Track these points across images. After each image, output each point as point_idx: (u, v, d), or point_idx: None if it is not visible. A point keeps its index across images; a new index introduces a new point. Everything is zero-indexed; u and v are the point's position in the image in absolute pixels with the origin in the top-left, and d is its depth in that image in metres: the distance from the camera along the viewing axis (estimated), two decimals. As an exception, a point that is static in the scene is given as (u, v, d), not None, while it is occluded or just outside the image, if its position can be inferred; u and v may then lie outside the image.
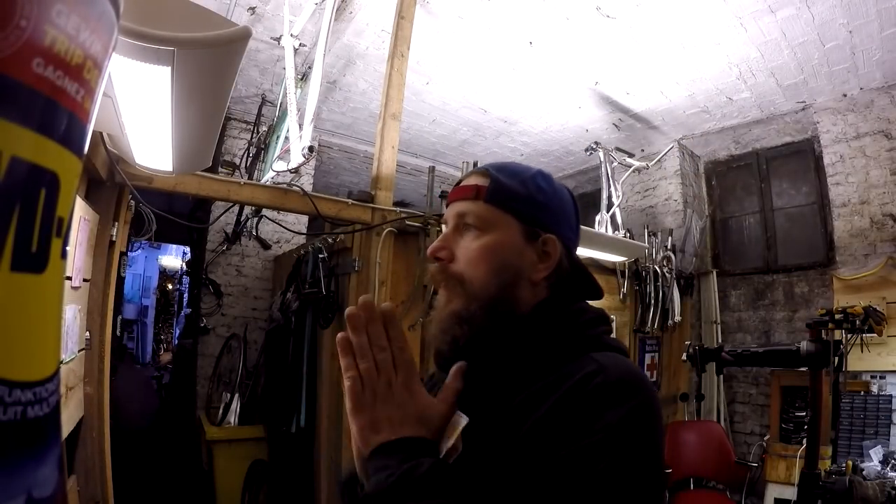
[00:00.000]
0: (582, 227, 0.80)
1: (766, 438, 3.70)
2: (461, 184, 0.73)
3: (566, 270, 0.71)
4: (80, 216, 1.51)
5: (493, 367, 0.65)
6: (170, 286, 10.99)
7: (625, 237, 3.73)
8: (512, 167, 0.73)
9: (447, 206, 0.74)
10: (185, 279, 8.02)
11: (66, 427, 1.53)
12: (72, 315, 1.48)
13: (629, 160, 4.28)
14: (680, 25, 3.08)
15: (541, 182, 0.71)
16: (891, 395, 3.16)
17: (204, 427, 3.31)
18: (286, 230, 3.87)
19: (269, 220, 4.01)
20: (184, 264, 7.88)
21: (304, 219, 4.32)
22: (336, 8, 2.53)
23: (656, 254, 3.97)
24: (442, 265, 0.68)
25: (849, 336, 2.99)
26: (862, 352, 3.21)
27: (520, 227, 0.68)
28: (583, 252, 3.06)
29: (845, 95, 3.73)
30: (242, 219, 4.10)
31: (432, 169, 2.76)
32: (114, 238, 1.88)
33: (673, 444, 3.32)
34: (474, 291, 0.66)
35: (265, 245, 4.28)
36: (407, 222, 2.34)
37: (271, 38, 3.22)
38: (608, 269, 3.50)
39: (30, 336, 0.25)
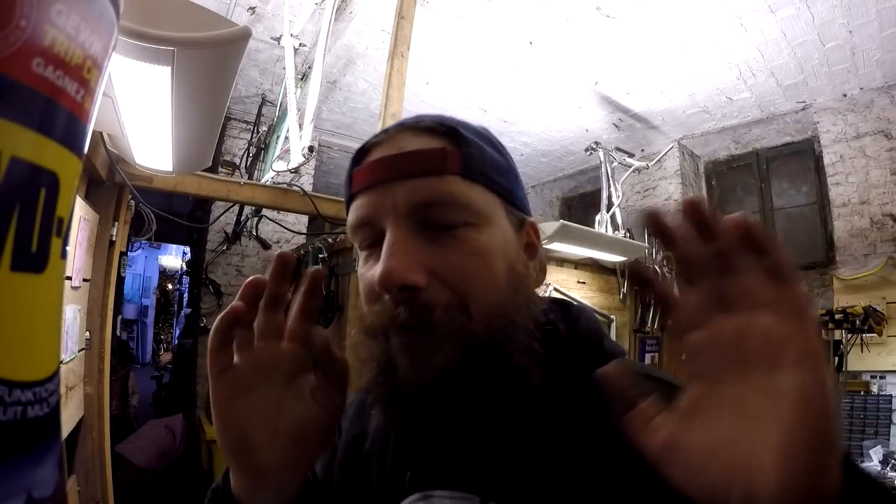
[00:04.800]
0: (582, 227, 0.70)
1: (766, 438, 3.70)
2: (397, 151, 0.44)
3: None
4: (80, 216, 1.51)
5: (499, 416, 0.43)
6: (170, 286, 11.00)
7: (625, 237, 3.73)
8: (459, 120, 0.48)
9: (368, 188, 0.44)
10: (185, 279, 8.02)
11: (66, 427, 1.53)
12: (72, 315, 1.48)
13: (629, 160, 4.28)
14: (680, 25, 3.08)
15: (497, 139, 0.51)
16: (891, 395, 3.16)
17: (204, 427, 3.31)
18: (286, 230, 3.86)
19: (269, 220, 4.01)
20: (184, 264, 7.89)
21: (304, 219, 4.31)
22: (336, 8, 2.53)
23: (656, 254, 3.97)
24: (416, 296, 0.40)
25: (849, 336, 2.99)
26: (862, 352, 3.21)
27: (505, 212, 0.46)
28: (583, 252, 3.06)
29: (845, 95, 3.73)
30: (242, 219, 4.10)
31: (432, 169, 2.75)
32: (114, 238, 1.88)
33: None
34: (483, 330, 0.41)
35: (265, 245, 4.28)
36: (407, 222, 2.34)
37: (271, 38, 3.22)
38: (608, 269, 3.50)
39: (30, 336, 0.25)
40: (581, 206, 5.88)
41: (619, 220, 3.94)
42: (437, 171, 0.42)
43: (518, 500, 0.41)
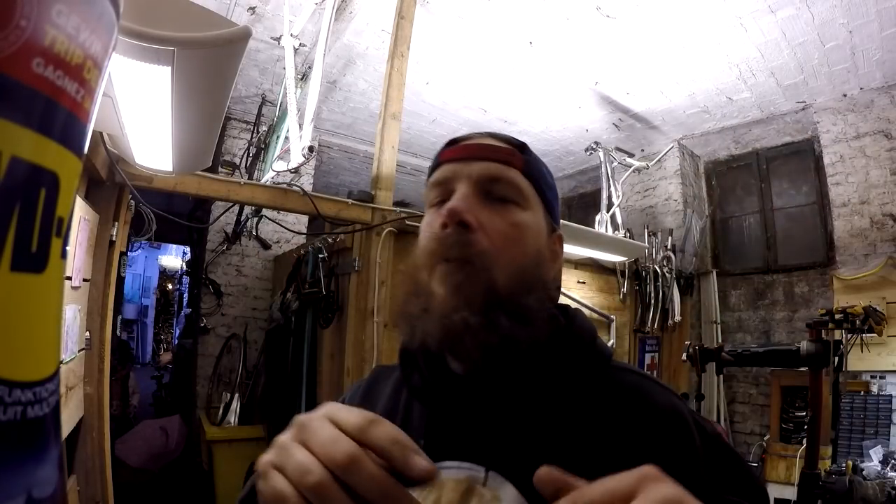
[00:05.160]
0: (582, 227, 0.75)
1: (766, 438, 3.70)
2: (480, 141, 0.58)
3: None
4: (80, 216, 1.51)
5: (506, 387, 0.51)
6: (170, 286, 11.00)
7: (625, 237, 3.73)
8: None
9: (452, 160, 0.58)
10: (185, 279, 8.03)
11: (66, 427, 1.53)
12: (72, 315, 1.48)
13: (629, 160, 4.28)
14: (680, 25, 3.08)
15: (549, 169, 0.65)
16: (891, 395, 3.16)
17: (204, 427, 3.31)
18: (286, 230, 3.87)
19: (269, 220, 4.01)
20: (184, 264, 7.89)
21: (304, 219, 4.32)
22: (336, 8, 2.53)
23: (656, 254, 3.97)
24: (465, 234, 0.51)
25: (849, 336, 2.98)
26: (862, 352, 3.21)
27: (543, 213, 0.58)
28: (583, 252, 3.06)
29: (845, 95, 3.73)
30: (242, 219, 4.10)
31: (432, 169, 2.75)
32: (114, 238, 1.88)
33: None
34: (505, 281, 0.50)
35: (265, 245, 4.28)
36: (407, 222, 2.34)
37: (271, 38, 3.22)
38: (608, 269, 3.50)
39: (30, 336, 0.25)
40: (581, 206, 5.88)
41: (619, 220, 3.95)
42: (506, 162, 0.56)
43: (518, 472, 0.44)
